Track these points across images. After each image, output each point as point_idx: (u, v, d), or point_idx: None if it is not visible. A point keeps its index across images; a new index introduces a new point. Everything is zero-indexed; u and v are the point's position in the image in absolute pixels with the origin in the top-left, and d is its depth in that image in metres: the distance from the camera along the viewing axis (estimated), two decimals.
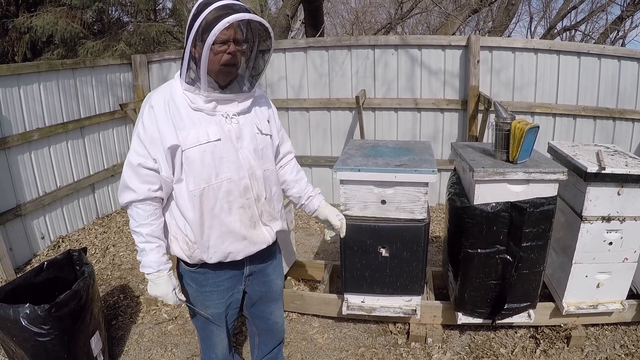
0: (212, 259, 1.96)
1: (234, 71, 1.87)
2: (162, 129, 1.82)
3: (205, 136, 1.84)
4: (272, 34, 1.86)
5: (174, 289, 2.00)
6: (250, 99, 1.97)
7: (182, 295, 2.06)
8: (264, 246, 2.07)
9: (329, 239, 2.64)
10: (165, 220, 1.99)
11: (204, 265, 2.01)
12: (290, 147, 2.31)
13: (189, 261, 2.01)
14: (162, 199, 1.95)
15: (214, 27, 1.67)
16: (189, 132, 1.83)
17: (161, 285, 1.97)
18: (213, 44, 1.72)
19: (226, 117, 1.89)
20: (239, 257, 2.01)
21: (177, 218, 1.95)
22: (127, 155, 1.90)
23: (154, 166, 1.84)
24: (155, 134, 1.82)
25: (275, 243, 2.20)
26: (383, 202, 2.88)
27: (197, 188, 1.86)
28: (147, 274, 1.95)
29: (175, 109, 1.84)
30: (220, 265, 2.02)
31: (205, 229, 1.92)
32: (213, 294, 2.08)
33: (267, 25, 1.81)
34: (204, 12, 1.71)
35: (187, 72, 1.82)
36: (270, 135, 2.08)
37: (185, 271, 2.08)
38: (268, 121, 2.07)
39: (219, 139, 1.86)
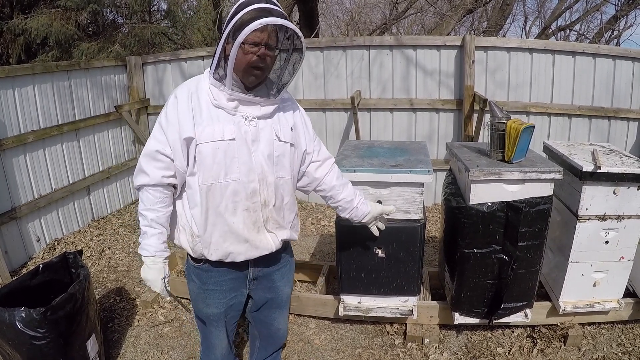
0: (212, 255, 1.97)
1: (260, 75, 1.87)
2: (182, 119, 1.85)
3: (220, 134, 1.85)
4: (304, 45, 1.87)
5: (164, 278, 2.00)
6: (274, 105, 1.96)
7: (169, 287, 2.05)
8: (267, 252, 2.04)
9: (378, 234, 2.63)
10: (176, 210, 2.01)
11: (207, 262, 2.02)
12: (327, 153, 2.26)
13: (192, 254, 2.03)
14: (175, 188, 1.97)
15: (246, 26, 1.69)
16: (206, 127, 1.84)
17: (153, 270, 1.97)
18: (244, 44, 1.74)
19: (245, 119, 1.89)
20: (239, 259, 2.00)
21: (187, 210, 1.97)
22: (146, 141, 1.93)
23: (170, 154, 1.87)
24: (175, 124, 1.85)
25: (284, 250, 2.18)
26: (379, 202, 2.87)
27: (204, 183, 1.88)
28: (144, 256, 1.97)
29: (197, 103, 1.87)
30: (223, 265, 2.02)
31: (209, 226, 1.92)
32: (215, 293, 2.08)
33: (300, 34, 1.82)
34: (241, 12, 1.73)
35: (216, 68, 1.84)
36: (291, 144, 2.03)
37: (191, 267, 2.10)
38: (291, 128, 2.03)
39: (234, 139, 1.86)
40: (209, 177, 1.87)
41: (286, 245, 2.21)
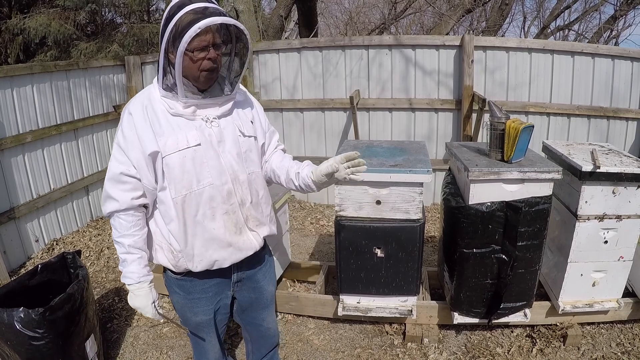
0: (197, 267, 1.92)
1: (214, 76, 1.82)
2: (142, 135, 1.78)
3: (185, 142, 1.79)
4: (247, 36, 1.81)
5: (154, 302, 1.97)
6: (231, 101, 1.92)
7: (161, 310, 2.02)
8: (251, 252, 2.01)
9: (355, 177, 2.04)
10: (150, 229, 1.95)
11: (189, 273, 1.97)
12: (277, 141, 2.19)
13: (175, 270, 1.98)
14: (146, 208, 1.91)
15: (185, 33, 1.62)
16: (168, 138, 1.78)
17: (141, 297, 1.94)
18: (192, 51, 1.69)
19: (206, 121, 1.84)
20: (226, 265, 1.96)
21: (162, 227, 1.91)
22: (108, 164, 1.86)
23: (136, 174, 1.80)
24: (135, 141, 1.78)
25: (264, 248, 2.15)
26: (378, 202, 2.87)
27: (178, 195, 1.82)
28: (128, 284, 1.93)
29: (153, 115, 1.80)
30: (207, 273, 1.97)
31: (189, 237, 1.87)
32: (201, 301, 2.04)
33: (242, 27, 1.76)
34: (176, 16, 1.66)
35: (163, 78, 1.79)
36: (255, 137, 2.01)
37: (172, 279, 2.04)
38: (252, 122, 2.01)
39: (199, 144, 1.81)
40: (181, 187, 1.82)
41: (265, 244, 2.18)
